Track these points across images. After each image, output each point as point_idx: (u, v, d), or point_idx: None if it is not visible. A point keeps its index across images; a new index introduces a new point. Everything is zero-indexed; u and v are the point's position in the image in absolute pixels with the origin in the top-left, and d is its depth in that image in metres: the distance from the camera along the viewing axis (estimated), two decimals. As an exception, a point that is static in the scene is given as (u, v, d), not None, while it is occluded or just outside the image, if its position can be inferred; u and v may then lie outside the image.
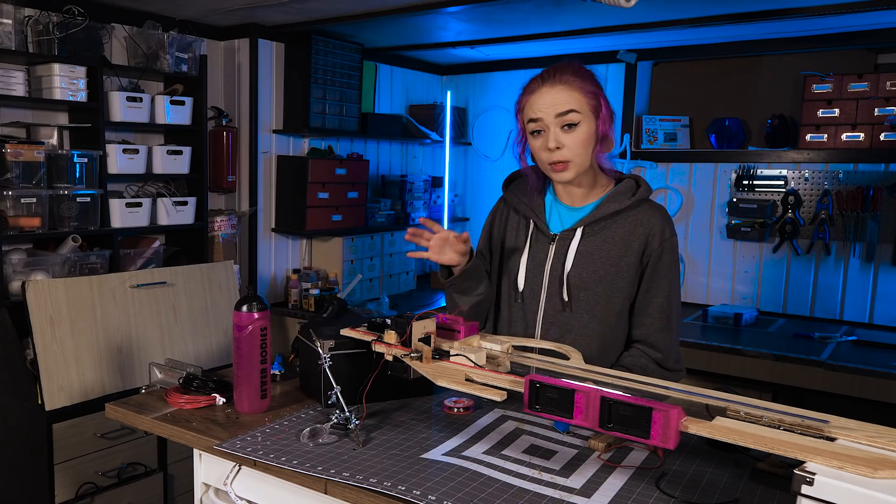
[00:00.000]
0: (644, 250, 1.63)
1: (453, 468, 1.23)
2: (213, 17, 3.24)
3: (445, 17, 3.12)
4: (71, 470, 2.53)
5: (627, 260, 1.63)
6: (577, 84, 1.57)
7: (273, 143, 3.61)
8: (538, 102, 1.59)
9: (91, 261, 2.83)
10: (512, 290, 1.73)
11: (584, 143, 1.58)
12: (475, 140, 4.47)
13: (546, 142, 1.58)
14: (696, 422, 1.07)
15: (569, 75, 1.58)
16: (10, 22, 2.58)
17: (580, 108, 1.57)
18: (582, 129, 1.58)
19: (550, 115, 1.57)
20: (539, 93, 1.59)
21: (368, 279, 3.82)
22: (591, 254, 1.64)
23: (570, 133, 1.57)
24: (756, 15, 2.80)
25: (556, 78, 1.58)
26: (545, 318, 1.68)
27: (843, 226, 3.30)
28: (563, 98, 1.56)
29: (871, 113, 3.14)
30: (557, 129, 1.57)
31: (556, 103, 1.56)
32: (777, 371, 2.75)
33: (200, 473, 1.48)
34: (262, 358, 1.49)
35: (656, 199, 3.73)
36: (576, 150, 1.58)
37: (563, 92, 1.57)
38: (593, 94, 1.59)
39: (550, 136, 1.58)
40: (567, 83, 1.57)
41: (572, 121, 1.56)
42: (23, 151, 2.61)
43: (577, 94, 1.57)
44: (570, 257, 1.65)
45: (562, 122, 1.57)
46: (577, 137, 1.57)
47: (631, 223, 1.64)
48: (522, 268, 1.71)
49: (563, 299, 1.65)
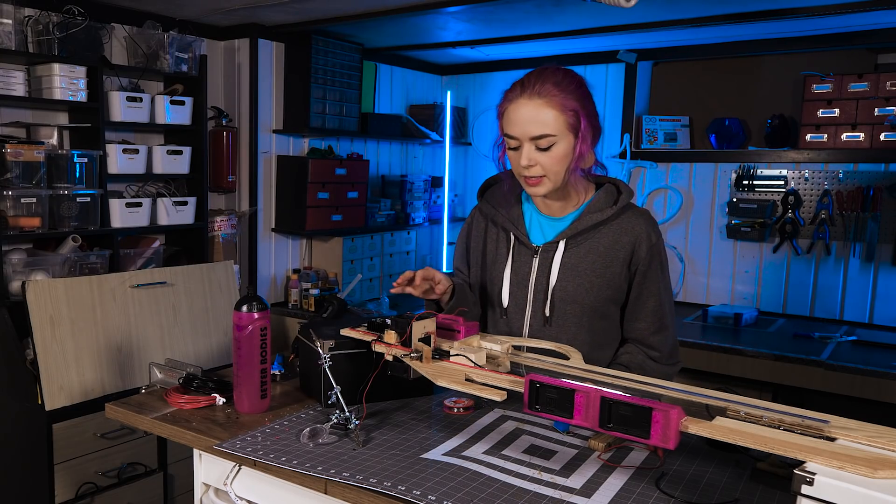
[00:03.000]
0: (631, 258, 1.61)
1: (453, 468, 1.23)
2: (213, 17, 3.24)
3: (445, 17, 3.12)
4: (71, 470, 2.53)
5: (613, 269, 1.61)
6: (557, 100, 1.50)
7: (273, 143, 3.61)
8: (514, 117, 1.54)
9: (91, 261, 2.83)
10: (497, 306, 1.70)
11: (560, 161, 1.54)
12: (475, 140, 4.47)
13: (520, 157, 1.55)
14: (696, 422, 1.07)
15: (550, 86, 1.51)
16: (10, 22, 2.58)
17: (556, 131, 1.51)
18: (557, 148, 1.53)
19: (525, 136, 1.53)
20: (517, 104, 1.53)
21: (368, 279, 3.82)
22: (575, 266, 1.61)
23: (545, 153, 1.53)
24: (756, 15, 2.80)
25: (536, 90, 1.51)
26: (531, 332, 1.66)
27: (843, 226, 3.30)
28: (539, 118, 1.50)
29: (871, 113, 3.14)
30: (532, 148, 1.53)
31: (530, 123, 1.51)
32: (777, 371, 2.75)
33: (200, 473, 1.48)
34: (262, 358, 1.49)
35: (656, 199, 3.77)
36: (550, 169, 1.54)
37: (540, 109, 1.50)
38: (573, 111, 1.52)
39: (524, 154, 1.54)
40: (546, 97, 1.50)
41: (545, 144, 1.52)
42: (23, 151, 2.61)
43: (554, 113, 1.50)
44: (555, 271, 1.62)
45: (536, 143, 1.53)
46: (551, 157, 1.53)
47: (615, 232, 1.62)
48: (506, 283, 1.68)
49: (545, 315, 1.63)
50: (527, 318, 1.66)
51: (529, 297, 1.66)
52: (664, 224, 3.72)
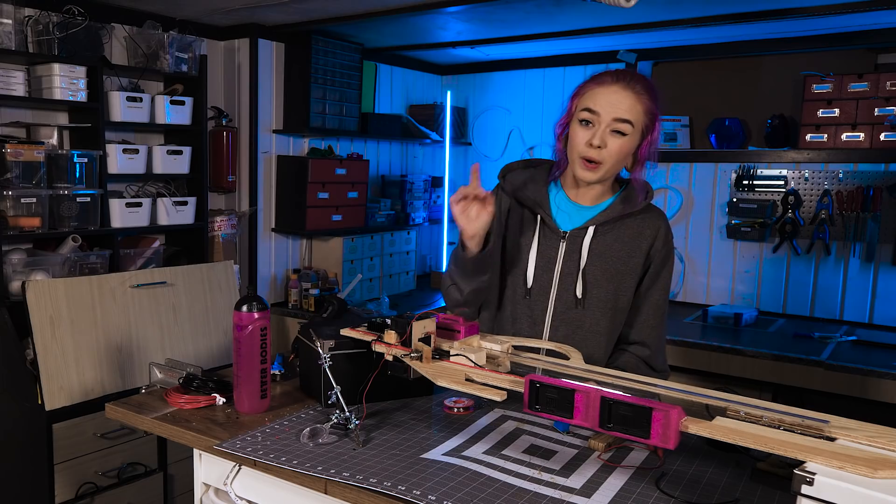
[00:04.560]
0: (650, 251, 1.67)
1: (453, 468, 1.23)
2: (213, 17, 3.24)
3: (445, 17, 3.12)
4: (71, 470, 2.52)
5: (635, 260, 1.66)
6: (644, 98, 1.58)
7: (273, 143, 3.60)
8: (603, 96, 1.58)
9: (91, 261, 2.83)
10: (519, 287, 1.71)
11: (623, 154, 1.60)
12: (475, 140, 4.47)
13: (592, 136, 1.57)
14: (696, 422, 1.07)
15: (642, 87, 1.58)
16: (10, 22, 2.58)
17: (636, 122, 1.58)
18: (628, 140, 1.58)
19: (608, 114, 1.56)
20: (609, 88, 1.58)
21: (368, 279, 3.82)
22: (602, 252, 1.65)
23: (616, 139, 1.57)
24: (756, 15, 2.80)
25: (631, 83, 1.58)
26: (555, 315, 1.67)
27: (843, 226, 3.30)
28: (627, 105, 1.56)
29: (871, 113, 3.14)
30: (607, 130, 1.57)
31: (619, 106, 1.56)
32: (777, 371, 2.75)
33: (200, 473, 1.48)
34: (262, 358, 1.49)
35: (656, 199, 3.76)
36: (613, 157, 1.58)
37: (629, 99, 1.57)
38: (653, 115, 1.60)
39: (598, 133, 1.57)
40: (638, 93, 1.57)
41: (624, 130, 1.57)
42: (23, 151, 2.61)
43: (640, 108, 1.58)
44: (584, 254, 1.65)
45: (615, 126, 1.57)
46: (619, 145, 1.58)
47: (639, 224, 1.67)
48: (532, 264, 1.69)
49: (577, 296, 1.65)
50: (551, 301, 1.67)
51: (555, 280, 1.67)
52: (664, 224, 3.72)
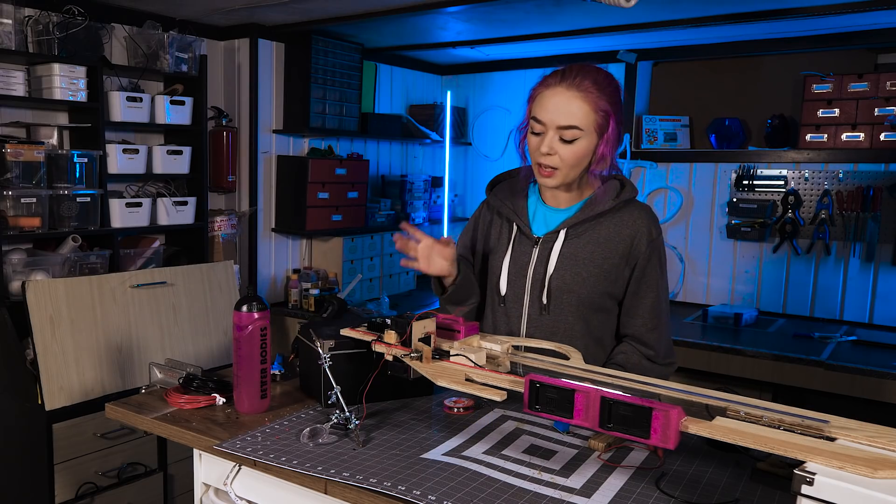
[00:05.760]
0: (630, 252, 1.62)
1: (453, 468, 1.23)
2: (213, 17, 3.24)
3: (445, 17, 3.11)
4: (71, 470, 2.52)
5: (612, 261, 1.62)
6: (592, 97, 1.53)
7: (273, 143, 3.60)
8: (547, 103, 1.55)
9: (91, 261, 2.83)
10: (495, 295, 1.72)
11: (578, 158, 1.56)
12: (475, 140, 4.47)
13: (541, 144, 1.57)
14: (696, 422, 1.07)
15: (589, 83, 1.53)
16: (10, 22, 2.58)
17: (584, 126, 1.53)
18: (580, 144, 1.55)
19: (552, 122, 1.54)
20: (553, 91, 1.55)
21: (368, 279, 3.82)
22: (574, 255, 1.63)
23: (566, 146, 1.55)
24: (756, 15, 2.80)
25: (576, 82, 1.53)
26: (529, 322, 1.67)
27: (843, 226, 3.30)
28: (571, 109, 1.52)
29: (871, 113, 3.14)
30: (555, 137, 1.55)
31: (561, 112, 1.53)
32: (777, 371, 2.75)
33: (200, 473, 1.48)
34: (262, 358, 1.49)
35: (656, 199, 3.77)
36: (567, 163, 1.56)
37: (574, 102, 1.52)
38: (604, 113, 1.54)
39: (546, 141, 1.55)
40: (583, 92, 1.52)
41: (570, 137, 1.54)
42: (23, 151, 2.61)
43: (587, 109, 1.53)
44: (553, 260, 1.63)
45: (560, 133, 1.54)
46: (571, 151, 1.55)
47: (615, 224, 1.63)
48: (504, 272, 1.69)
49: (542, 302, 1.64)
50: (525, 308, 1.67)
51: (527, 286, 1.66)
52: (664, 224, 3.72)
